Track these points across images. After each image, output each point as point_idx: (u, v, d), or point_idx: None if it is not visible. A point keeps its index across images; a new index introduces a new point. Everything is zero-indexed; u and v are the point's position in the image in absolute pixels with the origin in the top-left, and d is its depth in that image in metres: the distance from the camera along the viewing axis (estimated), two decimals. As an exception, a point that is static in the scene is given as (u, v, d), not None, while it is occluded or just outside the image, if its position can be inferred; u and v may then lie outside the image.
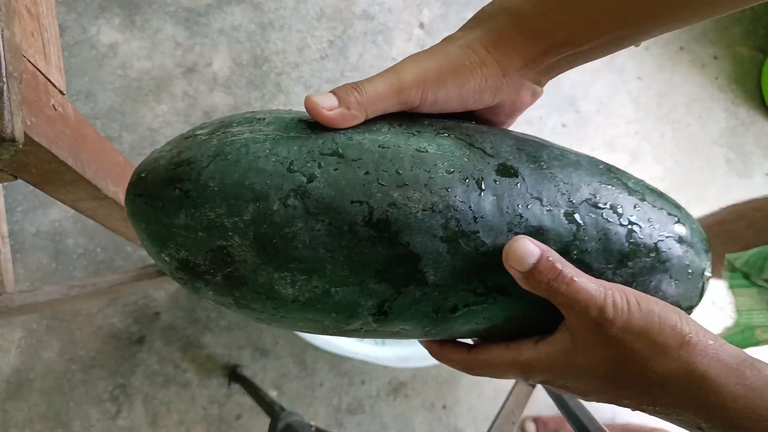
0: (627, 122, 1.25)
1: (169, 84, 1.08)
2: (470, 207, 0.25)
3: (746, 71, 1.33)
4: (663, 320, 0.25)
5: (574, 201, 0.27)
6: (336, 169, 0.24)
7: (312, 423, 0.65)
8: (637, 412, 0.28)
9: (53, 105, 0.34)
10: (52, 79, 0.34)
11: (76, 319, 0.95)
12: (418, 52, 0.28)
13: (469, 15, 0.29)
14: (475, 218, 0.25)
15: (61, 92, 0.36)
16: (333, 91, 0.26)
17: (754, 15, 1.37)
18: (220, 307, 0.26)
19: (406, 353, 0.82)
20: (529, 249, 0.25)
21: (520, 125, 0.32)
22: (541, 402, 1.00)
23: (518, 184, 0.26)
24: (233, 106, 1.09)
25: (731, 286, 0.61)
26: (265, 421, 0.94)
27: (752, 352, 0.26)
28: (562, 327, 0.27)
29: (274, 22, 1.15)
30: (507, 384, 1.04)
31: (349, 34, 1.18)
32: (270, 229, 0.23)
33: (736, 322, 0.60)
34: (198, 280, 0.25)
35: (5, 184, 0.95)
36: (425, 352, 0.87)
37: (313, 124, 0.26)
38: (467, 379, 1.03)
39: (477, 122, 0.30)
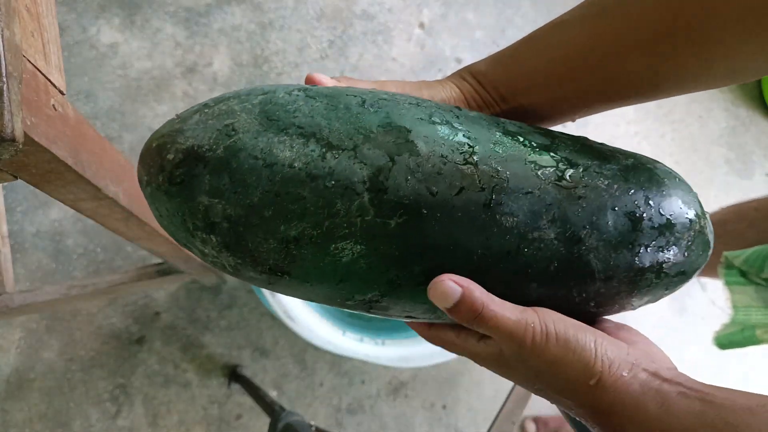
0: (627, 122, 1.25)
1: (169, 84, 1.08)
2: (452, 116, 0.29)
3: (746, 71, 1.33)
4: (577, 355, 0.27)
5: (543, 133, 0.31)
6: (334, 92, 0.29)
7: (312, 423, 0.65)
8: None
9: (53, 105, 0.34)
10: (52, 79, 0.34)
11: (76, 319, 0.96)
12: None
13: (469, 15, 0.31)
14: (457, 117, 0.28)
15: (61, 92, 0.36)
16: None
17: (754, 15, 1.37)
18: (213, 201, 0.26)
19: (406, 353, 0.82)
20: (450, 289, 0.27)
21: None
22: (541, 402, 1.00)
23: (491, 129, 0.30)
24: (233, 106, 1.09)
25: (727, 283, 0.61)
26: (265, 421, 0.94)
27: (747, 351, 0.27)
28: (492, 343, 0.29)
29: (274, 22, 1.15)
30: (507, 384, 1.04)
31: (349, 34, 1.18)
32: (274, 106, 0.27)
33: (733, 319, 0.60)
34: (197, 166, 0.25)
35: (5, 184, 0.95)
36: (425, 351, 0.87)
37: None
38: (467, 379, 1.04)
39: None
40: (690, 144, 1.26)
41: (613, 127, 1.24)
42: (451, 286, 0.27)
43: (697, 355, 1.10)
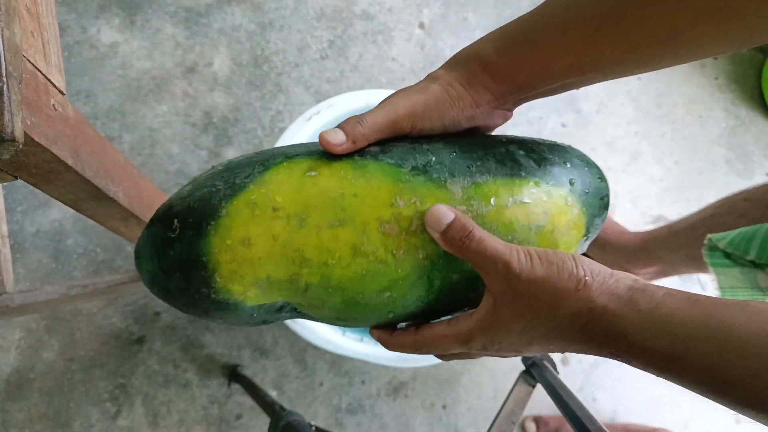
0: (627, 122, 1.25)
1: (169, 84, 1.08)
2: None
3: (746, 71, 1.33)
4: (561, 268, 0.29)
5: None
6: None
7: (312, 423, 0.65)
8: (639, 413, 0.29)
9: (53, 105, 0.34)
10: (52, 79, 0.34)
11: (76, 319, 0.96)
12: (407, 88, 0.34)
13: (469, 15, 0.30)
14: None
15: (61, 92, 0.36)
16: (341, 127, 0.32)
17: (754, 15, 1.36)
18: None
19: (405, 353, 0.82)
20: (444, 212, 0.30)
21: (520, 126, 0.37)
22: (541, 402, 1.00)
23: None
24: (233, 106, 1.09)
25: (712, 265, 0.61)
26: (265, 421, 0.95)
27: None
28: (486, 293, 0.31)
29: (274, 22, 1.15)
30: (507, 384, 1.04)
31: (349, 34, 1.18)
32: None
33: None
34: None
35: (5, 184, 0.95)
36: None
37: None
38: (467, 379, 1.04)
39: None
40: (690, 144, 1.26)
41: (613, 127, 1.24)
42: (444, 210, 0.30)
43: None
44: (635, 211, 1.19)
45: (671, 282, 1.14)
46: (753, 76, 1.33)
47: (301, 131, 0.74)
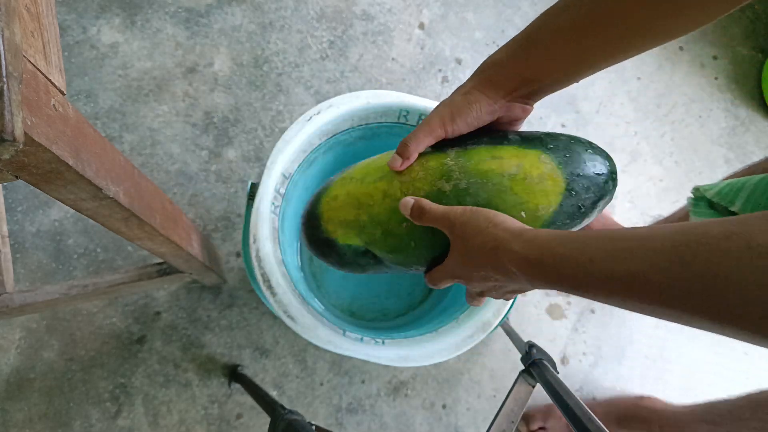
0: (626, 122, 1.25)
1: (169, 84, 1.08)
2: None
3: (746, 71, 1.33)
4: (480, 215, 0.41)
5: None
6: None
7: (312, 422, 0.65)
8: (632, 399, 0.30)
9: (53, 105, 0.34)
10: (52, 79, 0.34)
11: (76, 319, 0.96)
12: (442, 104, 0.47)
13: (469, 15, 0.32)
14: None
15: (62, 92, 0.36)
16: (397, 152, 0.48)
17: (754, 15, 1.37)
18: None
19: (406, 353, 0.82)
20: (407, 200, 0.47)
21: (521, 125, 0.40)
22: (540, 402, 1.00)
23: None
24: (234, 107, 1.09)
25: (694, 214, 0.63)
26: (265, 420, 0.95)
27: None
28: None
29: (274, 23, 1.15)
30: (507, 384, 1.04)
31: (350, 34, 1.18)
32: None
33: None
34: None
35: (5, 184, 0.95)
36: (425, 351, 0.88)
37: None
38: (467, 378, 1.04)
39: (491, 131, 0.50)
40: (690, 144, 1.26)
41: (613, 127, 1.24)
42: (408, 199, 0.47)
43: (698, 353, 1.10)
44: (635, 210, 1.19)
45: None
46: (753, 76, 1.33)
47: (302, 131, 0.74)
